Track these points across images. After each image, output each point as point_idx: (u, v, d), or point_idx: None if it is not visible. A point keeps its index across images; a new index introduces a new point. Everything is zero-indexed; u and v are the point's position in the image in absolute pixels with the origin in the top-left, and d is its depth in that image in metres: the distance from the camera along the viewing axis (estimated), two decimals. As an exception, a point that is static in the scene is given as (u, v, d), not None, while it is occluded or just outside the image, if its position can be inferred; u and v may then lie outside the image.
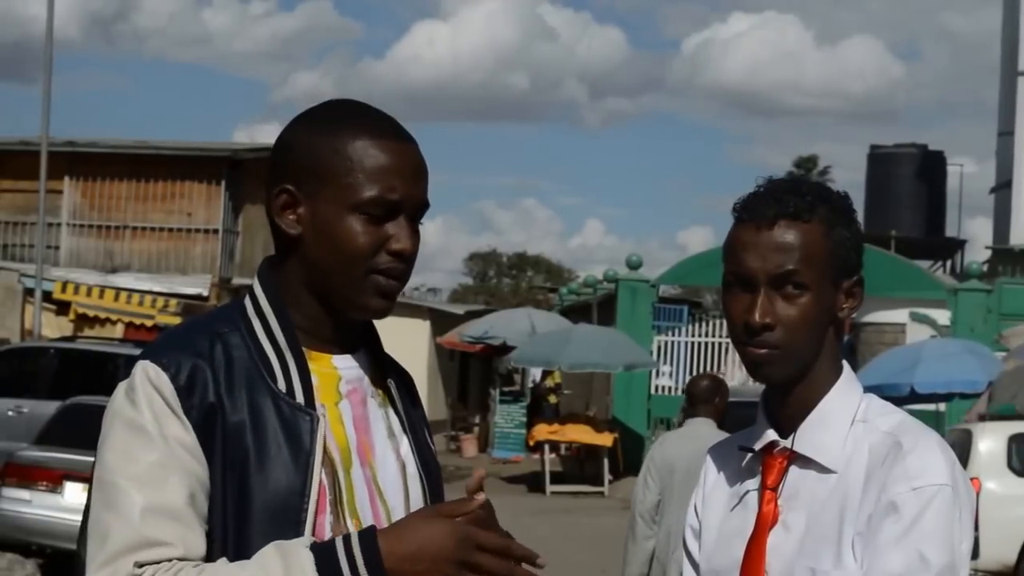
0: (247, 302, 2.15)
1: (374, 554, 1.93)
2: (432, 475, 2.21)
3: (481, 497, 1.98)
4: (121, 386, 2.07)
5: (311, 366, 2.11)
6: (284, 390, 2.07)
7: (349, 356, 2.16)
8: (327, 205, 2.08)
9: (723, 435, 6.80)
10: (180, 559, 1.98)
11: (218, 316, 2.16)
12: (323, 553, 1.93)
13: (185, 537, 1.99)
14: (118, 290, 25.86)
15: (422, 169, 2.13)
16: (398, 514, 2.11)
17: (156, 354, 2.07)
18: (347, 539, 1.95)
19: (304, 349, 2.11)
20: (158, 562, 1.97)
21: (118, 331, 24.66)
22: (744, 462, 2.30)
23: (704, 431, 6.70)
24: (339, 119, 2.12)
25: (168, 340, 2.13)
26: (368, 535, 1.95)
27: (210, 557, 2.01)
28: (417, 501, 2.16)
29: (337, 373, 2.14)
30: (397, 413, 2.20)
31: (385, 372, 2.22)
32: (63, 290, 25.53)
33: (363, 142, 2.08)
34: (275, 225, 2.11)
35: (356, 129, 2.10)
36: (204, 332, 2.11)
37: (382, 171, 2.08)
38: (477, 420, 30.50)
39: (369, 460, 2.12)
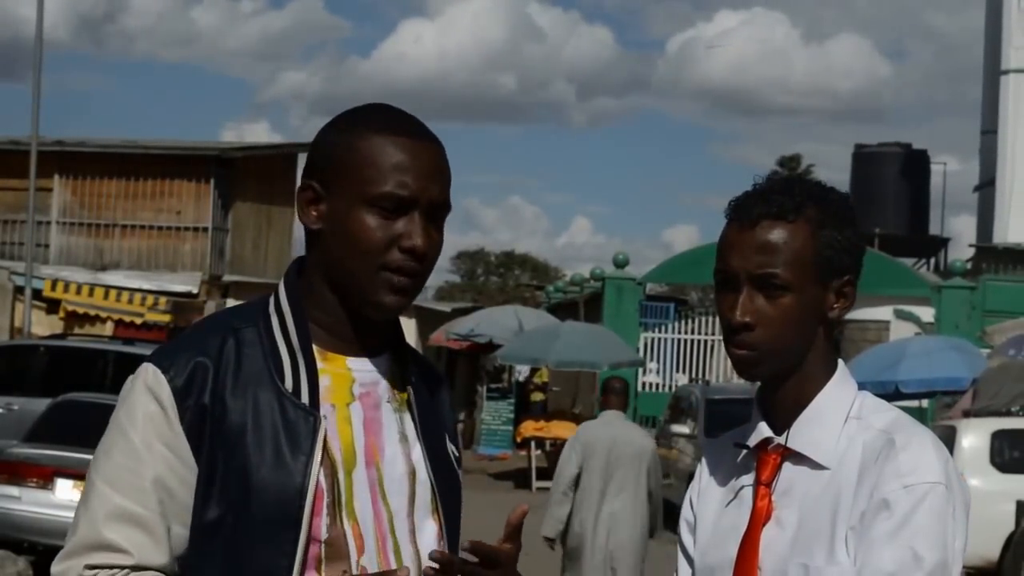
0: (271, 298, 2.17)
1: None
2: (445, 484, 2.19)
3: (404, 572, 2.00)
4: (125, 384, 2.10)
5: (325, 366, 2.11)
6: (291, 390, 2.07)
7: (367, 359, 2.16)
8: (343, 200, 2.09)
9: (630, 423, 9.06)
10: (133, 567, 2.00)
11: (241, 311, 2.18)
12: None
13: (143, 545, 2.01)
14: (108, 288, 25.81)
15: (439, 169, 2.13)
16: (400, 517, 2.12)
17: (161, 355, 2.10)
18: None
19: (320, 349, 2.12)
20: (110, 567, 2.00)
21: (108, 329, 24.62)
22: (739, 458, 2.30)
23: (617, 421, 8.76)
24: (362, 118, 2.14)
25: (182, 339, 2.15)
26: None
27: (206, 557, 2.03)
28: (423, 506, 2.16)
29: (351, 375, 2.13)
30: (414, 419, 2.19)
31: (409, 377, 2.21)
32: (53, 288, 25.50)
33: (380, 139, 2.10)
34: (302, 221, 2.14)
35: (375, 127, 2.11)
36: (220, 329, 2.12)
37: (395, 167, 2.08)
38: (463, 417, 30.55)
39: (377, 462, 2.12)
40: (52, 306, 25.44)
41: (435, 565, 2.03)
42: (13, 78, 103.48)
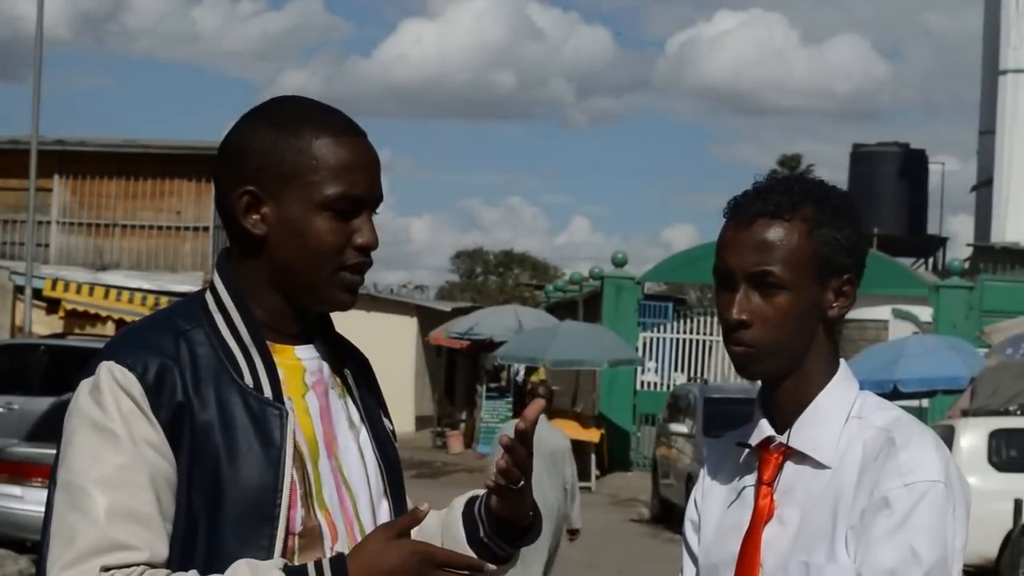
0: (208, 296, 2.14)
1: None
2: (391, 465, 2.23)
3: (425, 507, 2.01)
4: (84, 386, 2.04)
5: (278, 359, 2.12)
6: (251, 385, 2.07)
7: (311, 346, 2.18)
8: (293, 205, 2.08)
9: (550, 425, 9.94)
10: (146, 564, 1.97)
11: (178, 312, 2.15)
12: None
13: (151, 542, 1.98)
14: (108, 288, 25.87)
15: (378, 162, 2.15)
16: (363, 504, 2.14)
17: (121, 354, 2.05)
18: (318, 564, 1.96)
19: (268, 343, 2.12)
20: (125, 566, 1.95)
21: (109, 329, 24.67)
22: (741, 458, 2.31)
23: (540, 425, 9.48)
24: (296, 117, 2.12)
25: (131, 339, 2.10)
26: (339, 562, 1.97)
27: (183, 555, 2.01)
28: (379, 491, 2.19)
29: (301, 365, 2.15)
30: (355, 402, 2.21)
31: (342, 360, 2.23)
32: (53, 288, 25.56)
33: (324, 140, 2.09)
34: (238, 226, 2.12)
35: (316, 127, 2.10)
36: (167, 330, 2.09)
37: (345, 168, 2.09)
38: (464, 416, 30.60)
39: (334, 451, 2.14)
40: (52, 306, 25.49)
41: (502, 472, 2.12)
42: (13, 77, 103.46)
